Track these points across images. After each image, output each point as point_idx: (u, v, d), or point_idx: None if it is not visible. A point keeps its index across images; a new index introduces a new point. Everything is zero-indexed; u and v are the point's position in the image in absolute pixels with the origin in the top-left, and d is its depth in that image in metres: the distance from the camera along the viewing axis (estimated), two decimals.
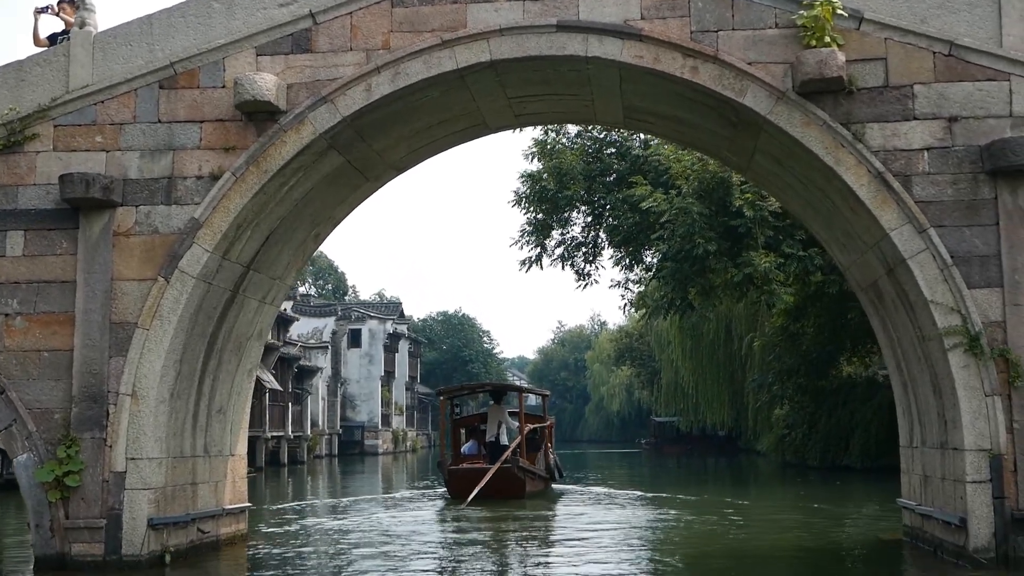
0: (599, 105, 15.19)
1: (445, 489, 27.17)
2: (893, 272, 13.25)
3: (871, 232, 13.21)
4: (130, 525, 13.00)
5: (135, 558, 12.96)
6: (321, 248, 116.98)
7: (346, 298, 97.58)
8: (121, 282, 13.46)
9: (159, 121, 13.81)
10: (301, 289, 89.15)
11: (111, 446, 13.12)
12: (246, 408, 16.11)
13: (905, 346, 14.07)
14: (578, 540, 17.06)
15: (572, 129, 36.68)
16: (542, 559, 15.16)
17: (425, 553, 15.73)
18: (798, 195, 14.88)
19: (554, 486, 30.33)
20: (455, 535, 18.67)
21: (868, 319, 25.31)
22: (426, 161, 16.52)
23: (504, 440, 27.75)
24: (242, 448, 16.04)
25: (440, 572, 13.94)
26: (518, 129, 34.83)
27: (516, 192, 35.77)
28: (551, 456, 31.13)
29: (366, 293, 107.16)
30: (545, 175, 34.99)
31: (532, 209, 35.62)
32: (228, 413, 15.41)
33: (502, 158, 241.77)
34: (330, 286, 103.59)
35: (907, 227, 12.68)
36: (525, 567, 14.39)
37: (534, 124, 18.12)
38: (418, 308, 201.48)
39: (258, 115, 13.60)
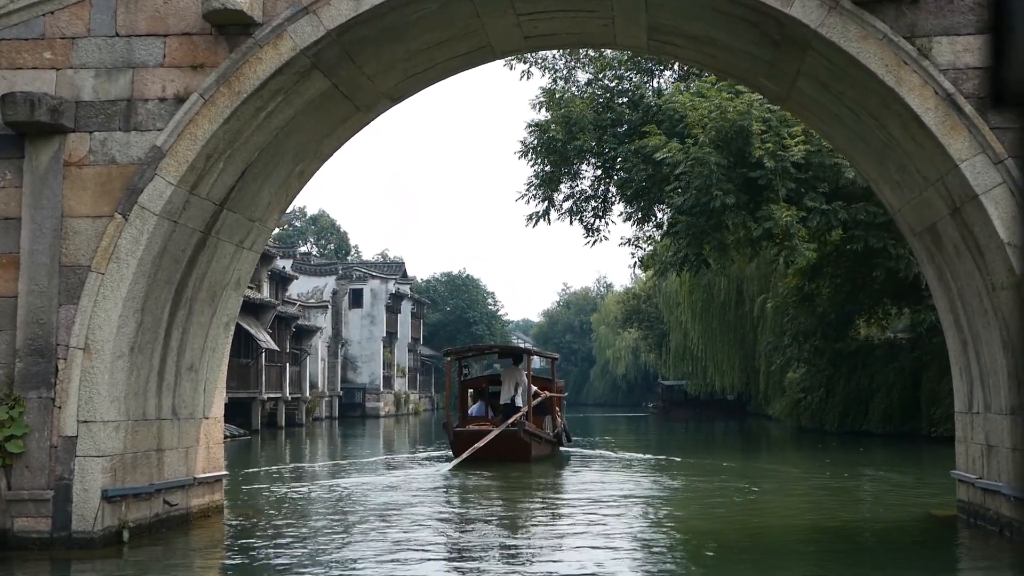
0: (620, 25, 13.38)
1: (451, 452, 25.82)
2: (959, 211, 11.50)
3: (935, 165, 11.46)
4: (81, 497, 11.34)
5: (87, 535, 11.30)
6: (323, 207, 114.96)
7: (348, 258, 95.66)
8: (73, 219, 11.73)
9: (117, 35, 11.99)
10: (303, 248, 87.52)
11: (60, 407, 11.43)
12: (222, 366, 14.41)
13: (968, 298, 12.34)
14: (588, 515, 15.41)
15: (582, 77, 35.16)
16: (550, 539, 13.50)
17: (422, 527, 14.03)
18: (845, 126, 13.10)
19: (562, 449, 29.24)
20: (455, 506, 17.05)
21: (893, 277, 23.60)
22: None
23: (519, 402, 26.73)
24: (218, 410, 14.36)
25: (437, 551, 12.27)
26: (528, 56, 33.77)
27: (523, 143, 34.12)
28: (559, 420, 29.95)
29: (369, 253, 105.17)
30: (553, 125, 33.34)
31: (540, 161, 34.03)
32: (201, 371, 13.72)
33: (510, 113, 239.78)
34: (332, 246, 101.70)
35: (980, 157, 10.92)
36: (524, 548, 12.71)
37: (545, 48, 16.34)
38: (422, 269, 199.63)
39: (230, 28, 11.80)
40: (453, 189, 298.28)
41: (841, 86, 12.04)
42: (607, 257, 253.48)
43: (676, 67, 35.49)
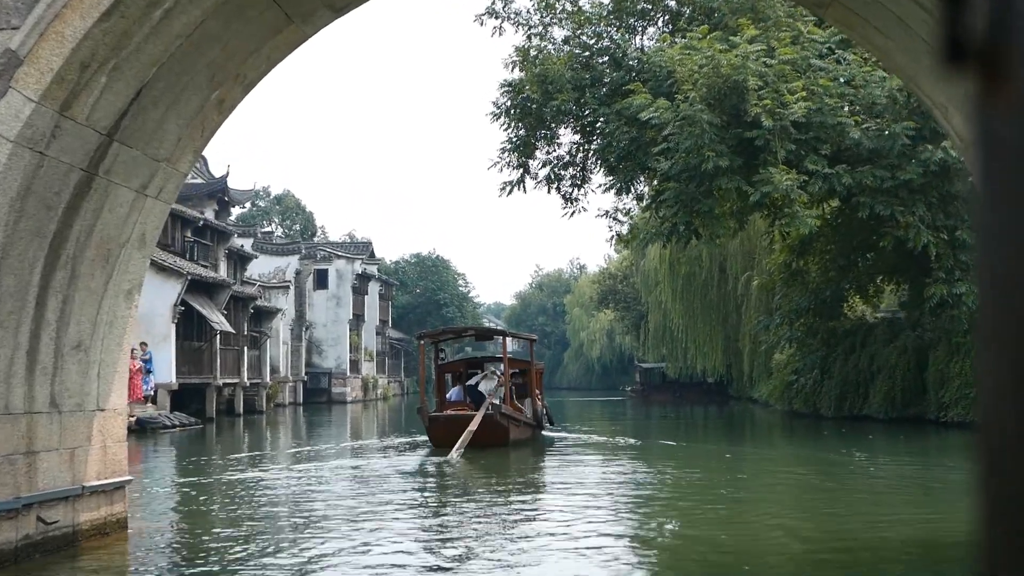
0: None
1: (426, 438, 24.39)
2: None
3: None
4: None
5: None
6: (288, 187, 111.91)
7: (315, 239, 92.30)
8: None
9: None
10: (267, 228, 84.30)
11: None
12: (123, 344, 11.47)
13: None
14: (565, 523, 12.60)
15: (559, 34, 32.27)
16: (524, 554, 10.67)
17: (382, 544, 11.17)
18: (911, 33, 10.28)
19: (545, 433, 27.55)
20: (424, 507, 14.20)
21: (900, 248, 21.12)
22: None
23: (483, 387, 25.56)
24: (117, 399, 11.43)
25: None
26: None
27: (496, 104, 31.25)
28: (540, 402, 28.00)
29: (336, 234, 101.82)
30: (528, 85, 30.47)
31: (514, 124, 31.16)
32: (93, 350, 10.80)
33: (483, 82, 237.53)
34: (298, 227, 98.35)
35: None
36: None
37: None
38: (390, 250, 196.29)
39: None
40: (424, 167, 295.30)
41: None
42: (580, 238, 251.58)
43: (661, 22, 32.84)
